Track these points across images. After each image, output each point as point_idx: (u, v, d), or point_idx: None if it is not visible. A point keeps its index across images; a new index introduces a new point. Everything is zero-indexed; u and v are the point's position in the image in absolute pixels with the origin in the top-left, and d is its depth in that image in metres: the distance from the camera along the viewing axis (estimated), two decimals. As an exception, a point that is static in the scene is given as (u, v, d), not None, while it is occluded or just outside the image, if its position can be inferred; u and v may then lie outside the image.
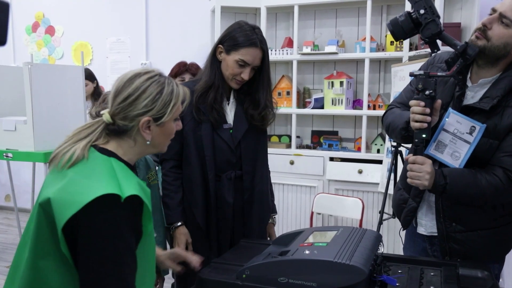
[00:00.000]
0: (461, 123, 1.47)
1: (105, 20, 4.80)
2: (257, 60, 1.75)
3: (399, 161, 2.82)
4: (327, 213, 3.42)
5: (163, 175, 1.85)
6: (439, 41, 1.50)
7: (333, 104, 3.60)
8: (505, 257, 1.61)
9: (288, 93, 3.76)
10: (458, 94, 1.53)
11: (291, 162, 3.65)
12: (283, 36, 3.89)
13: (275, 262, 1.21)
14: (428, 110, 1.42)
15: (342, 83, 3.53)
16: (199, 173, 1.78)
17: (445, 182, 1.45)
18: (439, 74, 1.46)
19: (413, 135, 1.48)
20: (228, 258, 1.47)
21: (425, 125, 1.43)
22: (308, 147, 3.78)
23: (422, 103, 1.42)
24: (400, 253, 1.82)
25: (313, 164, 3.59)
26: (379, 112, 3.42)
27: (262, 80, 1.80)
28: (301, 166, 3.63)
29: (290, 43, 3.75)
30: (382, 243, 1.38)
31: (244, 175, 1.82)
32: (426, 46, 1.55)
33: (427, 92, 1.42)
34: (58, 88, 3.09)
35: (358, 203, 3.18)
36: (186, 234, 1.81)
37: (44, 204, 1.06)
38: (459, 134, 1.47)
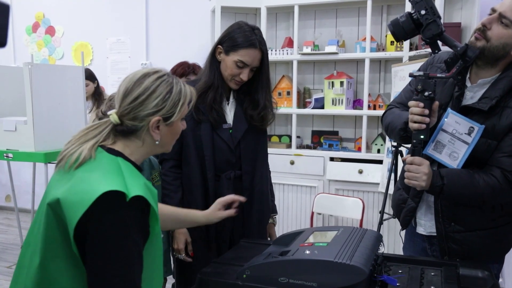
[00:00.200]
0: (459, 124, 1.47)
1: (105, 20, 4.81)
2: (256, 61, 1.75)
3: (399, 161, 2.81)
4: (328, 213, 3.42)
5: (163, 175, 1.85)
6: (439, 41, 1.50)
7: (333, 104, 3.60)
8: (504, 257, 1.62)
9: (288, 93, 3.76)
10: (457, 95, 1.53)
11: (292, 162, 3.65)
12: (283, 36, 3.89)
13: (276, 262, 1.21)
14: (427, 111, 1.42)
15: (342, 83, 3.53)
16: (199, 173, 1.79)
17: (442, 183, 1.45)
18: (439, 75, 1.46)
19: (411, 136, 1.48)
20: (228, 258, 1.47)
21: (423, 126, 1.43)
22: (308, 147, 3.78)
23: (421, 104, 1.42)
24: (400, 253, 1.82)
25: (313, 164, 3.59)
26: (380, 112, 3.41)
27: (262, 80, 1.80)
28: (301, 166, 3.63)
29: (290, 43, 3.75)
30: (382, 243, 1.38)
31: (243, 175, 1.83)
32: (427, 46, 1.55)
33: (427, 93, 1.42)
34: (58, 88, 3.10)
35: (358, 203, 3.19)
36: (185, 234, 1.81)
37: (53, 204, 1.06)
38: (458, 135, 1.47)
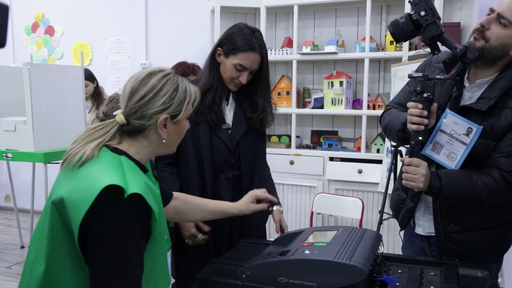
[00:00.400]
0: (458, 124, 1.47)
1: (104, 20, 4.80)
2: (255, 64, 1.74)
3: (399, 161, 2.81)
4: (327, 213, 3.42)
5: (159, 171, 1.84)
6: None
7: (332, 104, 3.61)
8: (503, 256, 1.62)
9: (287, 93, 3.76)
10: (455, 95, 1.53)
11: (291, 162, 3.65)
12: (283, 36, 3.90)
13: (275, 262, 1.21)
14: (425, 113, 1.41)
15: (341, 83, 3.53)
16: (197, 173, 1.78)
17: (440, 184, 1.45)
18: (438, 77, 1.45)
19: (409, 137, 1.48)
20: (228, 258, 1.47)
21: (422, 127, 1.43)
22: (308, 147, 3.78)
23: (420, 105, 1.42)
24: (400, 253, 1.82)
25: (313, 164, 3.60)
26: (379, 112, 3.41)
27: (261, 83, 1.80)
28: (301, 166, 3.63)
29: (289, 43, 3.75)
30: (382, 243, 1.38)
31: (243, 176, 1.82)
32: (426, 46, 1.54)
33: (425, 94, 1.41)
34: (58, 88, 3.10)
35: (358, 203, 3.19)
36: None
37: (57, 203, 1.07)
38: (456, 135, 1.47)
